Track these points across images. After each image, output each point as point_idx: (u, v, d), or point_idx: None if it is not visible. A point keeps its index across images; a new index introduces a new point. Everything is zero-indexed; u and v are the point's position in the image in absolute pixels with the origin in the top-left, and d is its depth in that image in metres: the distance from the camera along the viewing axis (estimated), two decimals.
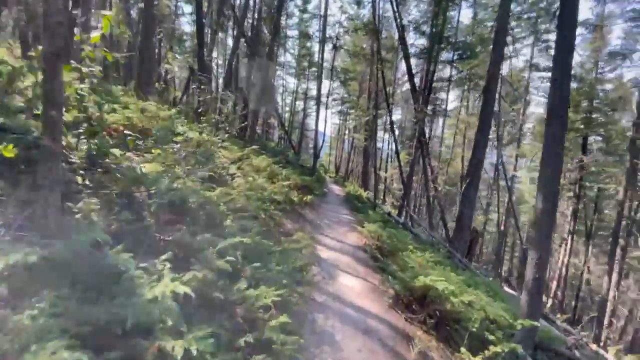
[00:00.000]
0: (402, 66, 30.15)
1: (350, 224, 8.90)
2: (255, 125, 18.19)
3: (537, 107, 31.93)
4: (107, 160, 2.57)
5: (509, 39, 12.90)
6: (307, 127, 34.38)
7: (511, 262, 29.47)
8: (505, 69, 19.37)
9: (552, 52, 21.79)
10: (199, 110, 7.43)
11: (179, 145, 4.05)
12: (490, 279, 13.70)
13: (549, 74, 25.42)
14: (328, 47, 18.51)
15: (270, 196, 4.93)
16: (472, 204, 11.84)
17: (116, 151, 2.78)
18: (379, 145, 31.71)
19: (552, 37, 24.34)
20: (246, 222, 3.56)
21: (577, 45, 18.77)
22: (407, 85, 33.20)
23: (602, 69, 20.45)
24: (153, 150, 3.54)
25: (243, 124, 11.80)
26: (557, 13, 5.55)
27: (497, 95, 12.27)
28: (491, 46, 13.10)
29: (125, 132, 4.46)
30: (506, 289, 13.37)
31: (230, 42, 23.56)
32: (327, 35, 15.85)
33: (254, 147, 9.50)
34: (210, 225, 3.00)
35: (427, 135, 13.47)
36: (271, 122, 31.56)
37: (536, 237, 5.32)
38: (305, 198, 7.00)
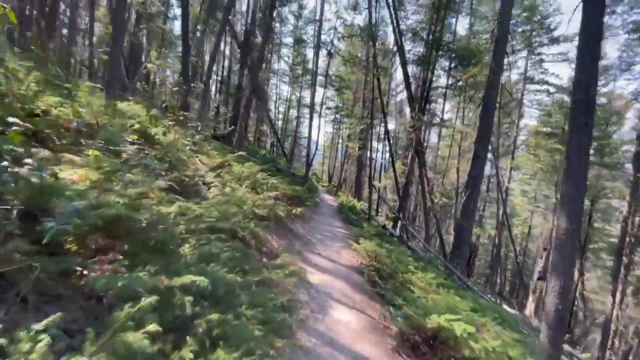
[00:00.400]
0: (397, 76, 29.99)
1: (345, 239, 8.14)
2: (244, 130, 17.44)
3: (531, 119, 32.05)
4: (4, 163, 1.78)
5: (508, 47, 12.56)
6: (300, 134, 33.81)
7: (504, 275, 28.97)
8: (502, 79, 19.17)
9: (546, 65, 21.44)
10: (164, 105, 6.68)
11: (134, 148, 3.27)
12: (489, 296, 13.02)
13: (544, 87, 25.43)
14: (323, 53, 18.04)
15: (252, 210, 4.16)
16: (471, 217, 11.23)
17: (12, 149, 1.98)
18: (373, 155, 31.28)
19: (546, 50, 24.52)
20: (214, 245, 2.78)
21: (570, 59, 18.40)
22: (401, 96, 33.04)
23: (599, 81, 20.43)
24: (90, 152, 2.75)
25: (230, 128, 11.03)
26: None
27: (496, 105, 11.81)
28: (490, 55, 12.77)
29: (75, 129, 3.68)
30: (505, 307, 12.68)
31: (222, 46, 22.97)
32: (322, 41, 15.35)
33: (240, 153, 8.76)
34: (160, 254, 2.22)
35: (423, 145, 12.92)
36: (264, 129, 30.82)
37: (558, 262, 4.64)
38: (294, 210, 6.24)
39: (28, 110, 3.64)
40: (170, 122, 4.46)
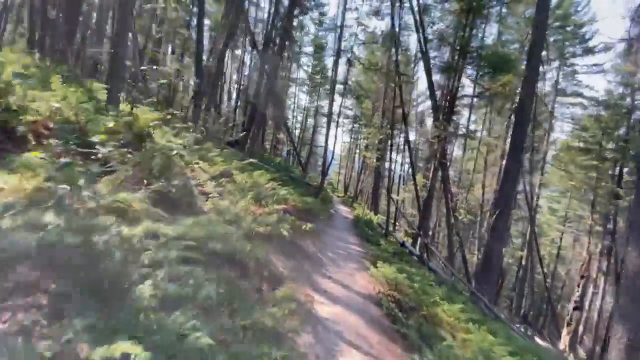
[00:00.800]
0: (419, 85, 29.00)
1: (360, 258, 7.36)
2: (259, 137, 17.06)
3: (561, 134, 30.21)
4: None
5: (543, 55, 11.62)
6: (316, 143, 33.39)
7: (531, 298, 27.00)
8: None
9: (580, 77, 20.01)
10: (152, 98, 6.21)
11: (108, 150, 2.71)
12: (517, 325, 11.74)
13: (576, 100, 23.91)
14: (342, 61, 17.56)
15: (251, 227, 3.52)
16: (502, 239, 10.17)
17: None
18: (391, 166, 30.32)
19: (579, 61, 23.07)
20: (195, 277, 2.14)
21: (606, 71, 16.99)
22: (423, 106, 32.09)
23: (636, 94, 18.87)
24: (32, 154, 2.20)
25: (242, 134, 10.59)
26: None
27: (530, 117, 10.83)
28: (522, 63, 11.85)
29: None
30: (536, 339, 11.37)
31: (242, 54, 23.03)
32: (342, 48, 14.88)
33: (250, 160, 8.23)
34: (102, 297, 1.59)
35: (451, 158, 12.02)
36: (280, 137, 30.57)
37: (627, 307, 3.71)
38: (304, 226, 5.56)
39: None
40: (156, 122, 3.93)
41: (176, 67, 10.88)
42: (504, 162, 23.37)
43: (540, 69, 15.64)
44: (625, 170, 18.48)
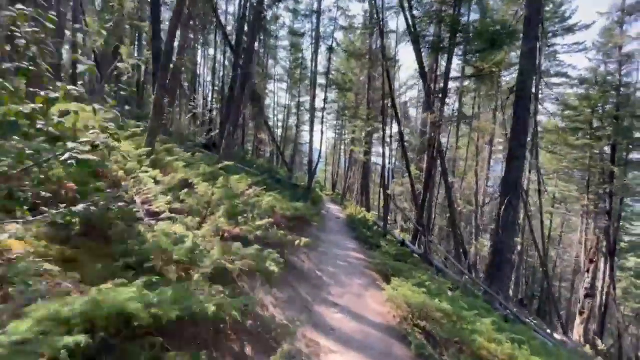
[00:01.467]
0: (401, 75, 28.15)
1: (364, 269, 6.25)
2: (237, 138, 15.71)
3: (544, 116, 30.07)
4: None
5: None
6: (300, 141, 32.15)
7: (526, 282, 26.87)
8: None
9: (561, 57, 19.51)
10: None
11: None
12: (534, 322, 10.96)
13: (560, 80, 23.61)
14: (322, 51, 16.32)
15: (220, 265, 2.31)
16: (512, 231, 9.31)
17: None
18: (376, 160, 29.43)
19: (560, 40, 22.83)
20: None
21: (587, 49, 16.32)
22: (405, 97, 31.32)
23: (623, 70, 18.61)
24: None
25: (213, 134, 9.26)
26: None
27: (531, 96, 9.99)
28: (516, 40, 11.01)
29: None
30: (557, 336, 10.61)
31: (212, 52, 21.44)
32: (321, 35, 13.69)
33: (227, 163, 6.98)
34: None
35: (443, 147, 11.05)
36: (263, 137, 29.09)
37: None
38: (297, 242, 4.39)
39: None
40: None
41: (133, 63, 9.36)
42: (494, 149, 22.77)
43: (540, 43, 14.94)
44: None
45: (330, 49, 14.97)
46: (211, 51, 26.53)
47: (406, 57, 30.06)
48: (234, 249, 2.53)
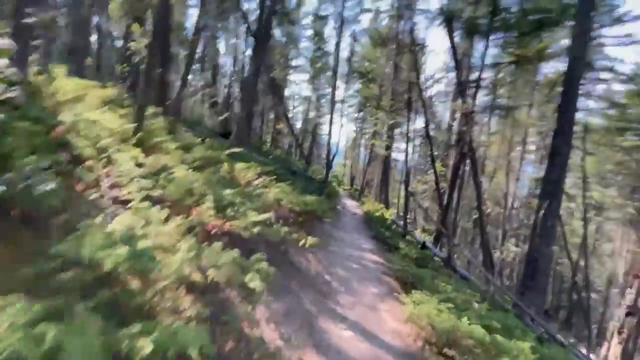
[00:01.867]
0: (428, 67, 26.77)
1: (381, 274, 5.54)
2: (249, 124, 15.22)
3: (581, 113, 27.67)
4: None
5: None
6: (319, 131, 31.38)
7: (558, 294, 25.19)
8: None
9: (607, 50, 17.53)
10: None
11: None
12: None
13: (606, 75, 21.59)
14: (346, 37, 15.36)
15: (179, 276, 1.69)
16: (551, 239, 8.27)
17: None
18: (397, 155, 28.24)
19: (606, 32, 20.67)
20: None
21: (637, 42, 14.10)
22: (431, 91, 29.83)
23: None
24: None
25: (223, 117, 8.73)
26: None
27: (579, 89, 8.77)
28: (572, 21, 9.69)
29: None
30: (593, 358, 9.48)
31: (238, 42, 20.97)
32: (345, 17, 12.81)
33: (235, 150, 6.43)
34: None
35: (473, 143, 9.97)
36: (281, 128, 28.57)
37: None
38: (303, 241, 3.76)
39: None
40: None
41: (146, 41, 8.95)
42: (527, 148, 21.01)
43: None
44: None
45: (354, 35, 14.04)
46: (234, 40, 26.20)
47: (435, 45, 28.41)
48: (211, 252, 1.91)
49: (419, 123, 23.45)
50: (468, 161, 10.62)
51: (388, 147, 19.57)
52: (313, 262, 4.80)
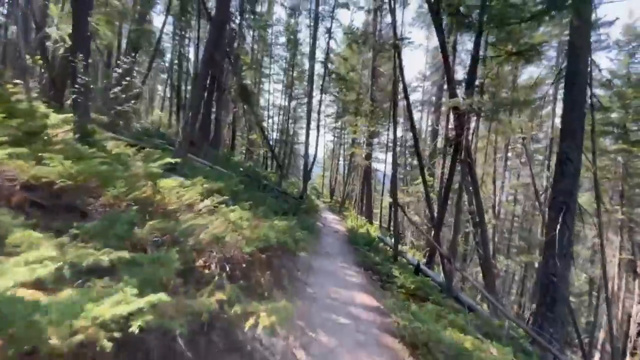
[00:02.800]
0: (405, 75, 26.29)
1: (380, 335, 3.91)
2: (218, 131, 13.48)
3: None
4: None
5: None
6: (297, 144, 29.86)
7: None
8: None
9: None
10: None
11: None
12: None
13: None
14: (321, 37, 14.12)
15: None
16: (569, 260, 7.05)
17: None
18: (376, 166, 27.14)
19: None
20: None
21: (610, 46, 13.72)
22: (404, 102, 29.26)
23: None
24: None
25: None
26: None
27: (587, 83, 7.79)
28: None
29: None
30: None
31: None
32: (320, 12, 11.50)
33: (175, 160, 4.75)
34: None
35: (469, 147, 8.70)
36: (254, 138, 26.74)
37: None
38: (254, 320, 2.11)
39: None
40: None
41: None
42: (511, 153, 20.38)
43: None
44: None
45: (329, 32, 12.77)
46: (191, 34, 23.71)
47: (411, 55, 28.00)
48: None
49: (399, 132, 22.42)
50: (458, 168, 9.40)
51: (368, 156, 18.29)
52: (279, 335, 3.11)
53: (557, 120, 20.20)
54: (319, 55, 14.17)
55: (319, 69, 16.47)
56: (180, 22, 15.97)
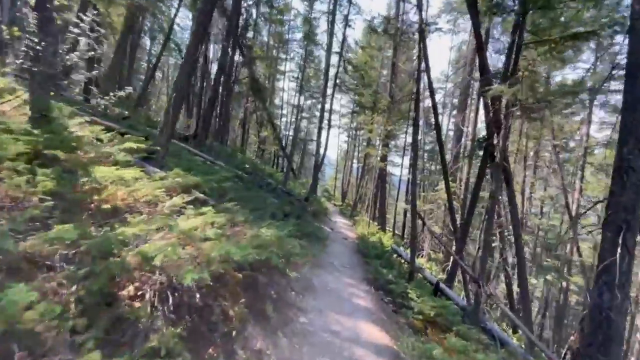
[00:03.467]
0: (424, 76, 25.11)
1: None
2: (207, 124, 12.66)
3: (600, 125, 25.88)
4: None
5: None
6: (308, 144, 28.95)
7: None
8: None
9: None
10: None
11: None
12: None
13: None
14: (339, 24, 13.03)
15: None
16: (627, 289, 5.76)
17: None
18: (392, 170, 25.82)
19: None
20: None
21: None
22: (427, 102, 27.87)
23: None
24: None
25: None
26: None
27: None
28: None
29: None
30: None
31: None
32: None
33: (156, 148, 3.86)
34: None
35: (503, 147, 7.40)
36: (266, 135, 25.96)
37: None
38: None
39: None
40: None
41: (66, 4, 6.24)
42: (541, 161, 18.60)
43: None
44: None
45: (346, 20, 11.70)
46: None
47: (432, 54, 26.56)
48: None
49: (414, 137, 21.06)
50: (488, 173, 8.18)
51: (384, 158, 17.07)
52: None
53: (593, 127, 18.36)
54: (335, 47, 13.16)
55: (335, 61, 15.46)
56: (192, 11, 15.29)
